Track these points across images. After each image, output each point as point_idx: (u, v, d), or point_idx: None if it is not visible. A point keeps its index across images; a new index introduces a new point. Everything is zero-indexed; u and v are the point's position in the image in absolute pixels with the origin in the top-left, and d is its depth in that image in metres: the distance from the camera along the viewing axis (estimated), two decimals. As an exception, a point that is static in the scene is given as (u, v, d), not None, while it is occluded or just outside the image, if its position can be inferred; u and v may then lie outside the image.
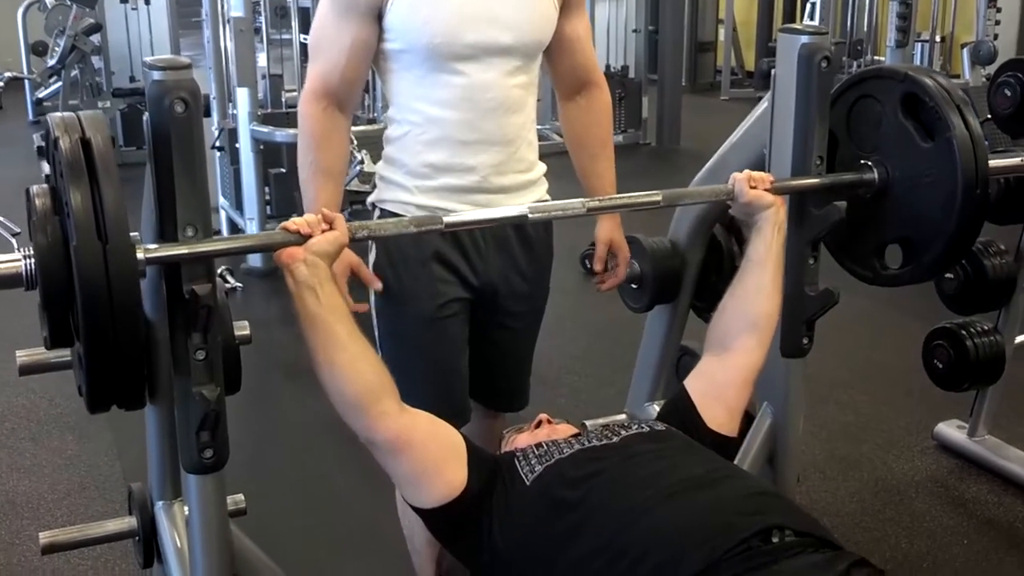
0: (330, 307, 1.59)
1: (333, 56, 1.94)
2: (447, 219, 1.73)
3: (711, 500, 1.55)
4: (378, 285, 1.97)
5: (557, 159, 2.27)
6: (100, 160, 1.38)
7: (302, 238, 1.59)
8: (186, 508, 2.11)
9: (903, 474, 3.12)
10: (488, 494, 1.65)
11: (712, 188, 1.99)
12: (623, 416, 2.70)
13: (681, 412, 1.84)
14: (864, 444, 3.33)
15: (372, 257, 2.05)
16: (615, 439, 1.78)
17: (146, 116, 1.55)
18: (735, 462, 2.32)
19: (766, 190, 1.89)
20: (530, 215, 1.76)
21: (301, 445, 3.40)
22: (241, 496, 2.16)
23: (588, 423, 2.65)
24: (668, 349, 2.62)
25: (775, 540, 1.46)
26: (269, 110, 5.72)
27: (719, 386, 1.85)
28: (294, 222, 1.61)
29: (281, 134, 4.90)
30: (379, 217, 2.05)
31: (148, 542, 2.23)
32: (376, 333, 2.04)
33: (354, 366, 1.60)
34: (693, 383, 1.88)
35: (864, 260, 2.09)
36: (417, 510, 1.70)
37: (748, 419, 2.53)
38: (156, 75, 1.51)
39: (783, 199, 1.93)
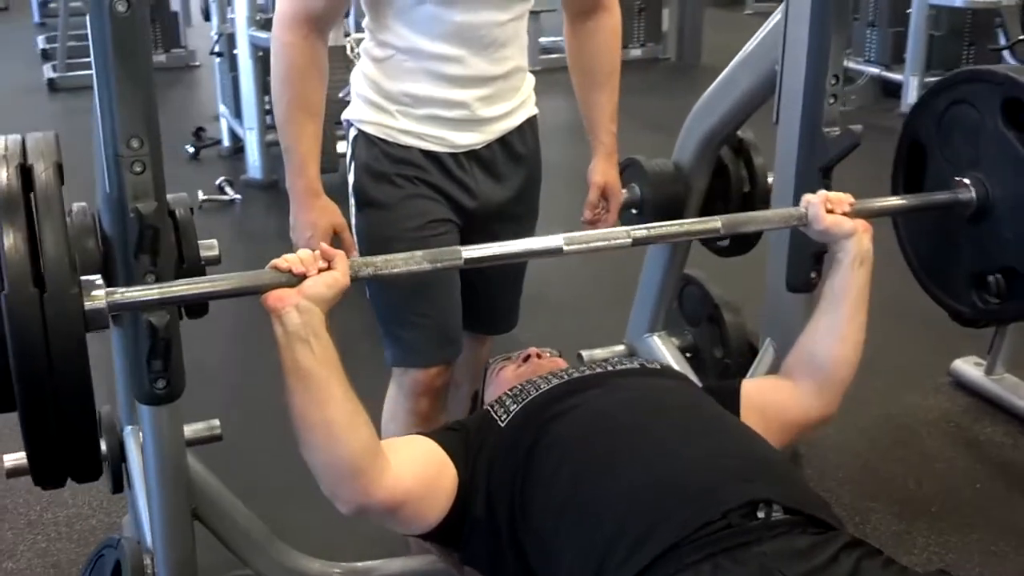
0: (325, 360, 1.39)
1: None
2: (466, 255, 1.51)
3: (697, 458, 1.42)
4: (355, 253, 1.81)
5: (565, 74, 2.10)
6: (42, 195, 1.23)
7: (295, 278, 1.38)
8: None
9: (915, 411, 2.99)
10: (474, 468, 1.52)
11: (781, 213, 1.74)
12: (622, 347, 2.57)
13: (722, 393, 1.68)
14: (875, 379, 3.16)
15: (352, 178, 1.93)
16: (598, 371, 1.67)
17: (87, 17, 1.41)
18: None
19: (844, 213, 1.65)
20: (566, 247, 1.54)
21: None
22: (216, 422, 2.05)
23: (584, 353, 2.54)
24: (669, 279, 2.48)
25: (760, 516, 1.32)
26: (269, 15, 5.50)
27: (766, 409, 1.67)
28: (286, 259, 1.40)
29: (281, 40, 4.70)
30: (355, 137, 1.93)
31: (117, 467, 2.14)
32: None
33: (352, 425, 1.41)
34: (749, 386, 1.72)
35: (958, 292, 1.85)
36: (426, 536, 1.56)
37: (752, 352, 2.42)
38: (95, -29, 1.37)
39: (868, 226, 1.67)
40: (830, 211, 1.64)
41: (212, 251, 1.65)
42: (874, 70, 6.50)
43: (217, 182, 4.88)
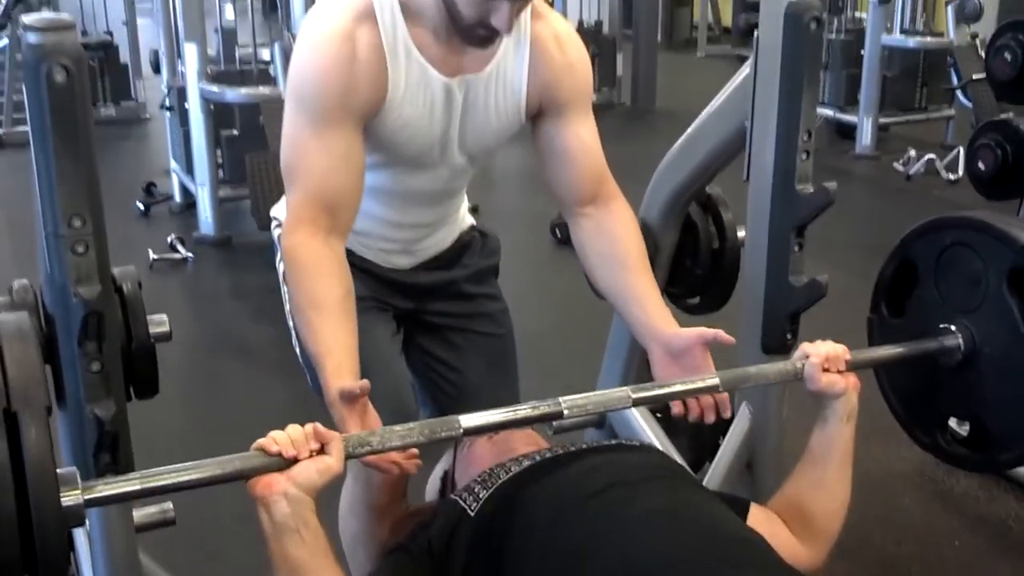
0: (316, 550, 1.26)
1: (320, 170, 1.60)
2: (465, 423, 1.41)
3: (682, 545, 1.34)
4: (416, 464, 1.55)
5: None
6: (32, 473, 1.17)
7: (284, 462, 1.26)
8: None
9: (889, 466, 2.93)
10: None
11: (778, 368, 1.66)
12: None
13: (734, 504, 1.58)
14: (847, 431, 3.13)
15: (281, 267, 1.78)
16: (572, 449, 1.60)
17: (23, 84, 1.33)
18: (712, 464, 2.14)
19: (839, 371, 1.60)
20: (566, 412, 1.46)
21: (255, 434, 3.15)
22: (169, 504, 1.93)
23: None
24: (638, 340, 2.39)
25: None
26: (222, 67, 5.42)
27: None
28: (275, 441, 1.27)
29: (232, 94, 4.63)
30: (280, 236, 1.78)
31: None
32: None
33: None
34: (757, 511, 1.62)
35: (925, 426, 1.82)
36: None
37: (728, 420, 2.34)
38: (32, 38, 1.28)
39: (857, 382, 1.63)
40: (826, 369, 1.59)
41: (162, 327, 1.54)
42: (828, 112, 6.53)
43: (168, 239, 4.74)
